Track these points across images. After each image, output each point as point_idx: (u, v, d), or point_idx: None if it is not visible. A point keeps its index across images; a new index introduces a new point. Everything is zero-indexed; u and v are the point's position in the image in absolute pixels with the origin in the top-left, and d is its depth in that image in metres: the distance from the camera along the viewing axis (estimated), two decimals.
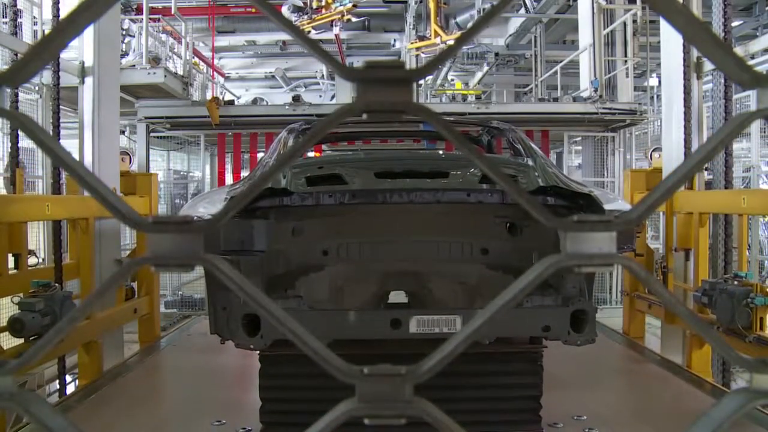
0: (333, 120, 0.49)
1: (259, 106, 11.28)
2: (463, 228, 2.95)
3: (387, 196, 2.58)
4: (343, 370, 0.46)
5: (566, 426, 3.22)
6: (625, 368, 4.78)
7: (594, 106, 9.10)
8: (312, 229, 2.89)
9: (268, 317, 0.50)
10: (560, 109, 9.36)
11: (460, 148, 0.52)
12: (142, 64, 8.47)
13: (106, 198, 0.53)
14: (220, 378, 4.36)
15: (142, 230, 0.50)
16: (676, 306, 0.60)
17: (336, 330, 2.56)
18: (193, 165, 11.08)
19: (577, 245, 0.50)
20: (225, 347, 2.94)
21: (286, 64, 16.12)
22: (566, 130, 9.75)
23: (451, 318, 2.49)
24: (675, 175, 0.55)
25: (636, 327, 5.93)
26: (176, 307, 9.49)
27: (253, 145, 9.83)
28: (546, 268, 0.50)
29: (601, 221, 0.50)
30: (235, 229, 2.46)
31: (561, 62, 11.21)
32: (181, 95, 9.23)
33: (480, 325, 0.48)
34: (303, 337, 0.48)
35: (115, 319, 5.22)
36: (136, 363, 4.84)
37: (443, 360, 0.47)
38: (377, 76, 0.46)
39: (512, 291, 0.50)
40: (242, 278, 0.52)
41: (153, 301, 5.95)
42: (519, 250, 2.92)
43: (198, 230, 0.48)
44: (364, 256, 2.91)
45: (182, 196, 11.18)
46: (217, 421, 3.30)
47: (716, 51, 0.51)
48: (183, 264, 0.48)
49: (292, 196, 2.58)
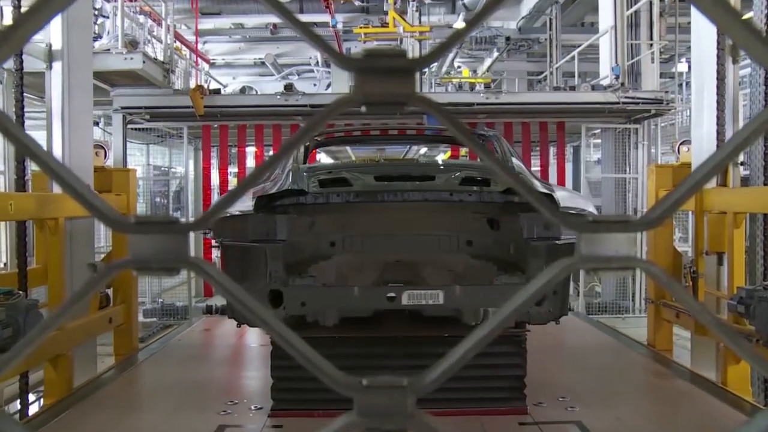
0: (330, 112, 0.50)
1: (247, 96, 11.30)
2: (451, 223, 3.85)
3: (384, 195, 3.56)
4: (339, 380, 0.47)
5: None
6: (650, 384, 4.79)
7: (615, 95, 9.11)
8: (322, 224, 3.77)
9: (258, 322, 0.51)
10: (578, 99, 9.37)
11: (466, 143, 0.53)
12: (117, 48, 8.43)
13: (83, 195, 0.54)
14: (204, 393, 4.37)
15: (124, 231, 0.51)
16: (703, 314, 0.61)
17: (343, 302, 3.43)
18: (176, 160, 11.09)
19: (593, 247, 0.51)
20: (209, 358, 3.56)
21: (277, 49, 16.13)
22: (584, 121, 9.76)
23: (435, 292, 3.38)
24: (702, 169, 0.55)
25: (663, 338, 5.93)
26: (156, 315, 9.51)
27: (242, 138, 9.85)
28: (559, 272, 0.51)
29: (618, 221, 0.51)
30: (261, 222, 3.34)
31: (579, 47, 11.23)
32: (161, 83, 9.24)
33: (487, 334, 0.49)
34: (297, 346, 0.49)
35: (87, 330, 5.20)
36: (111, 378, 4.85)
37: (448, 370, 0.48)
38: (377, 66, 0.47)
39: (523, 296, 0.51)
40: (231, 282, 0.53)
41: (130, 309, 5.97)
42: (499, 242, 3.85)
43: (184, 230, 0.49)
44: (365, 247, 3.78)
45: (163, 194, 11.21)
46: (230, 401, 4.09)
47: (753, 41, 0.51)
48: (168, 267, 0.49)
49: (306, 196, 3.53)
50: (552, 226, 3.37)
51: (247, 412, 3.92)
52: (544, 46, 13.62)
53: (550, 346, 5.40)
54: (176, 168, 11.50)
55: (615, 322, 8.57)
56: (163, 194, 11.25)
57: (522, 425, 3.67)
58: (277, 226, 3.35)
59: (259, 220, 3.33)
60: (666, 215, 0.55)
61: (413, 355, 3.72)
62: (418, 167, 4.15)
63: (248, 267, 3.53)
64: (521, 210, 3.49)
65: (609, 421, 3.74)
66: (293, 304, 3.38)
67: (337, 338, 3.70)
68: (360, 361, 3.65)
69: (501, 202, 3.67)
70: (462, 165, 4.46)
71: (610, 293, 9.91)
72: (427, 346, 3.73)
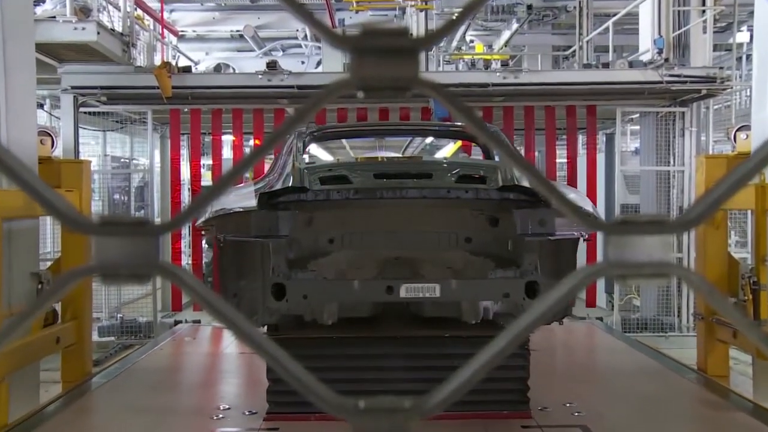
0: (322, 98, 0.52)
1: (223, 75, 11.34)
2: (449, 221, 4.39)
3: (383, 192, 4.10)
4: (331, 402, 0.49)
5: None
6: (702, 417, 4.76)
7: (657, 73, 9.15)
8: (323, 221, 4.32)
9: (235, 332, 0.53)
10: (612, 78, 9.41)
11: (479, 134, 0.55)
12: (65, 16, 8.38)
13: (37, 189, 0.55)
14: (170, 426, 4.39)
15: (87, 232, 0.52)
16: (755, 332, 0.62)
17: (344, 295, 4.06)
18: (138, 150, 11.11)
19: (623, 251, 0.52)
20: (181, 381, 3.72)
21: (257, 20, 16.13)
22: (620, 104, 9.79)
23: (432, 285, 3.94)
24: (755, 159, 0.55)
25: (716, 362, 5.89)
26: (114, 334, 9.53)
27: (217, 124, 9.88)
28: (582, 279, 0.53)
29: (651, 222, 0.52)
30: (265, 218, 3.85)
31: (614, 16, 11.25)
32: (120, 59, 9.26)
33: (498, 351, 0.51)
34: (283, 362, 0.51)
35: (29, 352, 5.07)
36: (58, 409, 4.83)
37: (455, 392, 0.49)
38: (376, 45, 0.49)
39: (541, 307, 0.53)
40: (206, 289, 0.55)
41: (82, 327, 5.95)
42: (498, 239, 4.39)
43: (155, 233, 0.51)
44: (364, 244, 4.39)
45: (123, 190, 11.23)
46: (223, 407, 4.68)
47: None
48: (138, 274, 0.51)
49: (307, 193, 4.04)
50: (546, 222, 3.84)
51: (241, 417, 4.45)
52: (573, 16, 13.65)
53: (580, 368, 5.42)
54: (139, 159, 11.53)
55: (657, 341, 8.60)
56: (123, 190, 11.27)
57: (525, 428, 4.21)
58: (280, 222, 3.88)
59: (262, 216, 3.87)
60: (707, 214, 0.56)
61: (413, 355, 4.38)
62: (417, 165, 4.81)
63: (250, 262, 4.21)
64: (517, 207, 4.01)
65: None
66: (296, 296, 3.97)
67: (336, 338, 4.36)
68: (359, 362, 4.39)
69: (498, 199, 4.18)
70: (461, 163, 5.18)
71: (651, 307, 9.93)
72: (427, 347, 4.41)
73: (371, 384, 4.25)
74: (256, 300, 4.18)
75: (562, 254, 4.26)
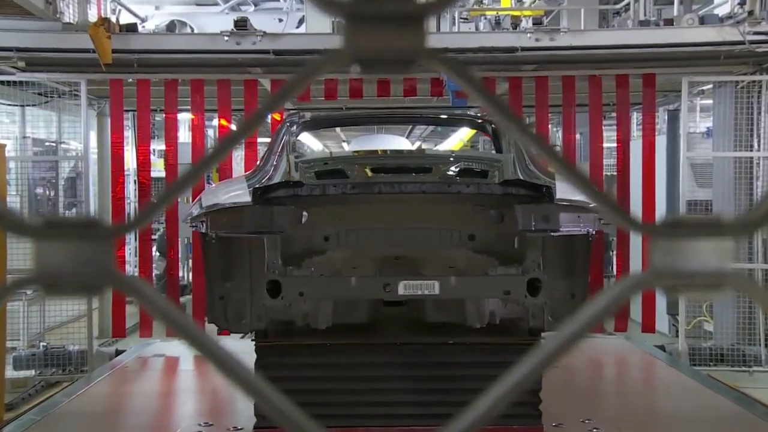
0: (311, 73, 0.55)
1: (179, 35, 11.32)
2: (451, 217, 5.10)
3: (380, 187, 4.77)
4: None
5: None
6: None
7: (738, 30, 9.08)
8: (318, 217, 4.92)
9: (204, 352, 0.56)
10: (677, 39, 9.39)
11: (499, 116, 0.58)
12: None
13: None
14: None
15: (27, 235, 0.56)
16: None
17: (341, 292, 4.74)
18: (69, 131, 11.08)
19: (672, 257, 0.56)
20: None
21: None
22: (687, 72, 9.76)
23: (431, 282, 4.54)
24: None
25: None
26: (35, 367, 9.45)
27: (171, 98, 9.86)
28: (624, 290, 0.56)
29: (705, 224, 0.56)
30: (259, 213, 4.48)
31: None
32: (42, 12, 9.22)
33: (529, 372, 0.54)
34: (257, 387, 0.54)
35: None
36: None
37: (474, 424, 0.53)
38: (375, 12, 0.51)
39: (583, 318, 0.56)
40: (166, 301, 0.59)
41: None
42: (503, 236, 5.04)
43: (109, 236, 0.54)
44: (360, 240, 5.11)
45: (50, 183, 11.22)
46: (204, 423, 5.24)
47: None
48: (88, 285, 0.54)
49: (302, 187, 4.71)
50: (551, 218, 4.41)
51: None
52: None
53: (642, 409, 5.50)
54: (69, 143, 11.52)
55: (738, 377, 8.55)
56: (48, 183, 11.26)
57: None
58: (274, 217, 4.48)
59: (257, 211, 4.48)
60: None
61: (414, 364, 4.91)
62: (416, 159, 5.63)
63: (240, 261, 4.82)
64: (519, 202, 4.58)
65: None
66: (292, 293, 4.59)
67: (330, 345, 4.92)
68: (355, 371, 4.91)
69: (500, 194, 4.80)
70: (464, 156, 6.15)
71: (728, 334, 9.89)
72: (428, 354, 4.94)
73: (368, 395, 4.87)
74: (244, 302, 4.78)
75: (572, 252, 4.76)
